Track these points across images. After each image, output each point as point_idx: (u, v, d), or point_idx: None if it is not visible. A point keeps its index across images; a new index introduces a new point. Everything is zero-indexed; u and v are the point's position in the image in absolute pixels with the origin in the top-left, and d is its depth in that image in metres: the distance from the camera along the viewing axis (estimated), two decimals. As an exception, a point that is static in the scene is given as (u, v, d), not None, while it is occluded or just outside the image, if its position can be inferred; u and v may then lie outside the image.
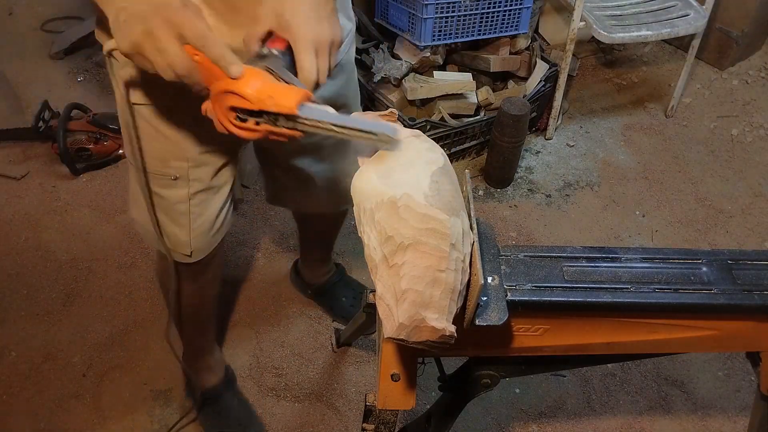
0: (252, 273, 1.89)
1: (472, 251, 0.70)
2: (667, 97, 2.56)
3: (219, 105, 0.76)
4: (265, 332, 1.74)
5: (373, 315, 1.30)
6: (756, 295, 0.78)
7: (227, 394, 1.55)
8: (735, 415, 1.61)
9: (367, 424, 0.99)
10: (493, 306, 0.72)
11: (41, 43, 2.72)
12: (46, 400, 1.58)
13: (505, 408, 1.60)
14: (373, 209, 0.70)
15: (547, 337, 0.82)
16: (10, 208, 2.04)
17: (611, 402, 1.63)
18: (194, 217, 1.11)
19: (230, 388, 1.57)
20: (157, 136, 1.01)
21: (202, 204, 1.11)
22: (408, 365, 0.85)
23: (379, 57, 2.19)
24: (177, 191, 1.07)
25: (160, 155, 1.03)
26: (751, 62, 2.80)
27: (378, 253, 0.68)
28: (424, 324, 0.65)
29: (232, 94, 0.74)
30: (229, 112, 0.76)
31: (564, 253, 0.82)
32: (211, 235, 1.17)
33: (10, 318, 1.74)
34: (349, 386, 1.63)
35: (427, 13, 2.01)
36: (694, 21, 2.23)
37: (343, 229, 2.00)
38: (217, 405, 1.53)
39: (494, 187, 2.20)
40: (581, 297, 0.77)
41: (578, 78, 2.68)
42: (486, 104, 2.18)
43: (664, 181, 2.26)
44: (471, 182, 1.18)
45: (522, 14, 2.15)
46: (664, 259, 0.82)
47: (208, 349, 1.53)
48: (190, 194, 1.08)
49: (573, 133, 2.43)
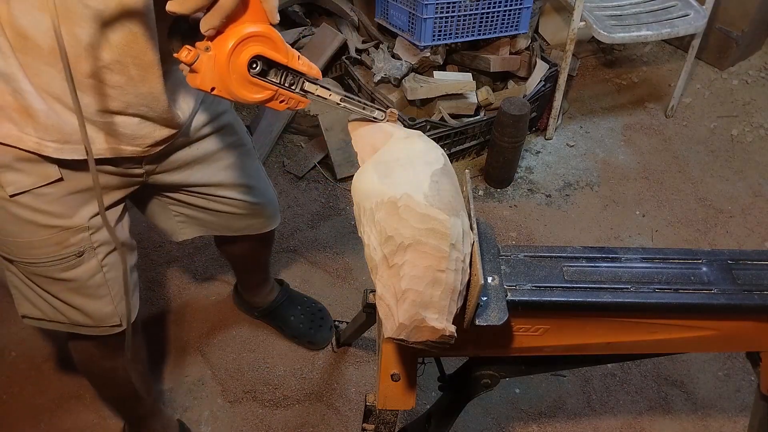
0: (252, 273, 1.89)
1: (472, 251, 0.70)
2: (667, 97, 2.56)
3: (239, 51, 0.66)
4: (266, 332, 1.74)
5: (373, 315, 1.30)
6: (756, 295, 0.78)
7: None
8: (735, 415, 1.61)
9: (367, 424, 0.99)
10: (493, 306, 0.72)
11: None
12: (46, 400, 1.58)
13: (505, 408, 1.60)
14: (373, 209, 0.70)
15: (547, 337, 0.82)
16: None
17: (611, 402, 1.63)
18: (111, 283, 1.03)
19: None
20: (46, 220, 0.91)
21: (114, 266, 1.03)
22: (408, 365, 0.85)
23: (379, 57, 2.19)
24: (85, 266, 0.98)
25: (54, 240, 0.93)
26: (751, 62, 2.80)
27: (378, 253, 0.68)
28: (424, 324, 0.65)
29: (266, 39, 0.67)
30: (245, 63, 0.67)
31: (564, 253, 0.82)
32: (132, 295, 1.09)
33: (10, 318, 1.74)
34: (349, 386, 1.63)
35: (427, 13, 2.01)
36: (694, 21, 2.23)
37: (343, 229, 2.01)
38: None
39: (494, 187, 2.20)
40: (581, 297, 0.77)
41: (578, 78, 2.68)
42: (486, 104, 2.18)
43: (664, 181, 2.26)
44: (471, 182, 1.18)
45: (522, 14, 2.15)
46: (664, 259, 0.82)
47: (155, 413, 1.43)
48: (101, 262, 1.00)
49: (573, 133, 2.43)
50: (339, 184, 2.15)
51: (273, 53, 0.68)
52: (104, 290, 1.03)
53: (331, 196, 2.12)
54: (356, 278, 1.86)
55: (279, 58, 0.69)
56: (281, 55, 0.69)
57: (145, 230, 1.90)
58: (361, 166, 0.78)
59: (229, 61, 0.66)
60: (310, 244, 1.96)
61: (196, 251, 1.93)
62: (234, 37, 0.65)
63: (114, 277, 1.03)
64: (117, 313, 1.07)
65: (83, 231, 0.95)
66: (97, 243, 0.98)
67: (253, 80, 0.69)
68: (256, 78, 0.69)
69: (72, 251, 0.95)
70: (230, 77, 0.67)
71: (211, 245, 1.95)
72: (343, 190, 2.13)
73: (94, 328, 1.07)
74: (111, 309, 1.05)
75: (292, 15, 2.45)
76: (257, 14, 0.66)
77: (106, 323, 1.07)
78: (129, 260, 1.07)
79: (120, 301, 1.06)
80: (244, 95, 0.69)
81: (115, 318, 1.07)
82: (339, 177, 2.15)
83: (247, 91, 0.69)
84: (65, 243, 0.94)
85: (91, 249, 0.97)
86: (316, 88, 0.75)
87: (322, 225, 2.02)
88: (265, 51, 0.68)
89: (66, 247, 0.94)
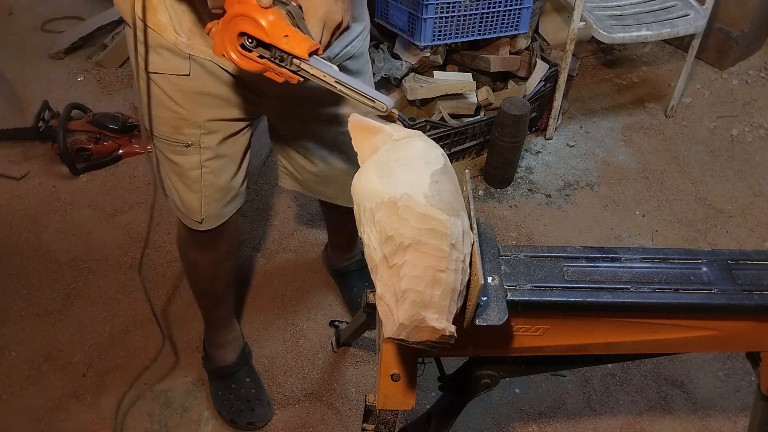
0: (252, 273, 1.89)
1: (472, 251, 0.70)
2: (667, 97, 2.56)
3: (230, 27, 0.78)
4: (265, 332, 1.74)
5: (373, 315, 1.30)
6: (756, 295, 0.78)
7: (241, 371, 1.58)
8: (735, 415, 1.61)
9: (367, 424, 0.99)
10: (493, 306, 0.72)
11: (41, 43, 2.72)
12: (46, 400, 1.58)
13: (505, 408, 1.60)
14: (373, 209, 0.70)
15: (547, 337, 0.82)
16: (10, 208, 2.04)
17: (611, 402, 1.63)
18: (206, 184, 1.16)
19: (245, 365, 1.60)
20: (170, 103, 1.05)
21: (213, 172, 1.15)
22: (408, 365, 0.85)
23: (379, 57, 2.19)
24: (189, 158, 1.12)
25: (172, 123, 1.07)
26: (751, 62, 2.80)
27: (378, 253, 0.68)
28: (424, 324, 0.65)
29: (249, 19, 0.77)
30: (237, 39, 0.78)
31: (564, 253, 0.82)
32: (222, 205, 1.22)
33: (10, 318, 1.74)
34: (349, 386, 1.63)
35: (427, 13, 2.01)
36: (694, 21, 2.23)
37: (343, 229, 2.01)
38: (229, 381, 1.57)
39: (494, 187, 2.20)
40: (581, 297, 0.77)
41: (578, 78, 2.68)
42: (486, 104, 2.18)
43: (664, 181, 2.26)
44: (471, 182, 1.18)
45: (522, 14, 2.15)
46: (664, 259, 0.82)
47: (226, 324, 1.56)
48: (202, 161, 1.13)
49: (573, 133, 2.43)
50: (339, 184, 2.15)
51: (256, 31, 0.77)
52: (197, 186, 1.16)
53: (331, 196, 2.12)
54: (356, 278, 1.86)
55: (262, 36, 0.77)
56: (264, 34, 0.77)
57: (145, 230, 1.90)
58: (361, 166, 0.78)
59: (224, 35, 0.79)
60: (310, 244, 1.96)
61: (196, 251, 1.93)
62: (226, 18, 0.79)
63: (210, 181, 1.16)
64: (201, 212, 1.20)
65: (195, 127, 1.08)
66: (204, 144, 1.10)
67: (243, 53, 0.80)
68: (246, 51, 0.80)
69: (183, 139, 1.09)
70: (229, 49, 0.80)
71: (211, 245, 1.95)
72: (343, 190, 2.13)
73: (184, 216, 1.23)
74: (198, 205, 1.19)
75: (292, 15, 2.44)
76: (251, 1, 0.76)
77: (193, 216, 1.21)
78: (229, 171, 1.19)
79: (208, 204, 1.19)
80: (242, 65, 0.81)
81: (199, 214, 1.20)
82: (339, 177, 2.15)
83: (243, 62, 0.80)
84: (179, 129, 1.08)
85: (198, 146, 1.10)
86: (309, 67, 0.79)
87: (322, 225, 2.02)
88: (248, 29, 0.77)
89: (179, 133, 1.08)
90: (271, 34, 0.77)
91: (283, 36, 0.77)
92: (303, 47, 0.78)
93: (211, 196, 1.18)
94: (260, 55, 0.80)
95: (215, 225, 1.24)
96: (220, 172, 1.17)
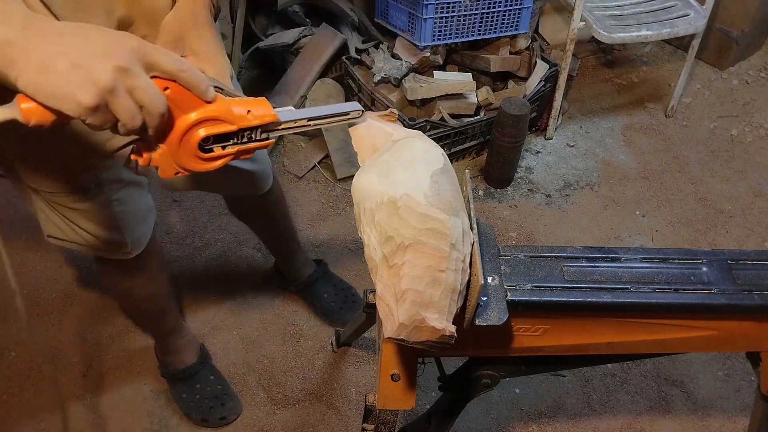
0: (252, 273, 1.89)
1: (472, 251, 0.70)
2: (667, 97, 2.56)
3: (186, 142, 0.67)
4: (265, 332, 1.74)
5: (373, 315, 1.30)
6: (756, 295, 0.78)
7: (204, 370, 1.59)
8: (735, 415, 1.61)
9: (367, 424, 0.99)
10: (493, 306, 0.72)
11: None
12: (46, 400, 1.58)
13: (505, 408, 1.60)
14: (373, 209, 0.70)
15: (547, 337, 0.82)
16: (10, 208, 2.04)
17: (611, 402, 1.63)
18: (123, 216, 1.11)
19: (206, 364, 1.61)
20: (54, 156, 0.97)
21: (125, 201, 1.11)
22: (408, 365, 0.85)
23: (379, 57, 2.19)
24: (96, 200, 1.05)
25: (63, 171, 0.99)
26: (751, 62, 2.80)
27: (378, 253, 0.68)
28: (424, 324, 0.65)
29: (208, 122, 0.67)
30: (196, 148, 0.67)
31: (564, 253, 0.82)
32: (143, 225, 1.19)
33: (10, 318, 1.74)
34: (349, 386, 1.63)
35: (427, 13, 2.01)
36: (694, 21, 2.23)
37: (343, 229, 2.01)
38: (192, 382, 1.57)
39: (494, 187, 2.20)
40: (581, 297, 0.77)
41: (578, 78, 2.68)
42: (486, 104, 2.18)
43: (664, 181, 2.26)
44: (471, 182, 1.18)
45: (522, 14, 2.15)
46: (664, 259, 0.82)
47: (177, 330, 1.55)
48: (110, 198, 1.07)
49: (573, 133, 2.43)
50: (339, 184, 2.15)
51: (220, 128, 0.67)
52: (114, 221, 1.11)
53: (331, 196, 2.12)
54: (356, 278, 1.86)
55: (227, 128, 0.68)
56: (228, 125, 0.68)
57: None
58: (361, 166, 0.78)
59: (179, 151, 0.67)
60: (310, 244, 1.96)
61: (196, 251, 1.93)
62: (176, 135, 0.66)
63: (124, 210, 1.11)
64: (128, 241, 1.16)
65: (89, 168, 1.01)
66: (106, 180, 1.05)
67: (210, 155, 0.69)
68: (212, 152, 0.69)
69: (81, 184, 1.02)
70: (187, 163, 0.68)
71: (211, 245, 1.95)
72: (343, 190, 2.13)
73: (108, 253, 1.17)
74: (121, 237, 1.14)
75: (292, 15, 2.44)
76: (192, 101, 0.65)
77: (120, 250, 1.17)
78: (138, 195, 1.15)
79: (131, 231, 1.15)
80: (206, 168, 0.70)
81: (127, 246, 1.17)
82: (339, 177, 2.15)
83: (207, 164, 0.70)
84: (74, 176, 1.01)
85: (100, 185, 1.05)
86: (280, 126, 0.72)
87: (322, 225, 2.02)
88: (210, 131, 0.67)
89: (74, 180, 1.01)
90: (237, 120, 0.68)
91: (246, 114, 0.69)
92: (267, 110, 0.70)
93: (131, 222, 1.14)
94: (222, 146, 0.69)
95: (144, 245, 1.21)
96: (131, 197, 1.12)
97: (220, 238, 1.97)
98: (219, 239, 1.97)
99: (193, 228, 2.00)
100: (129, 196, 1.12)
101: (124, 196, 1.10)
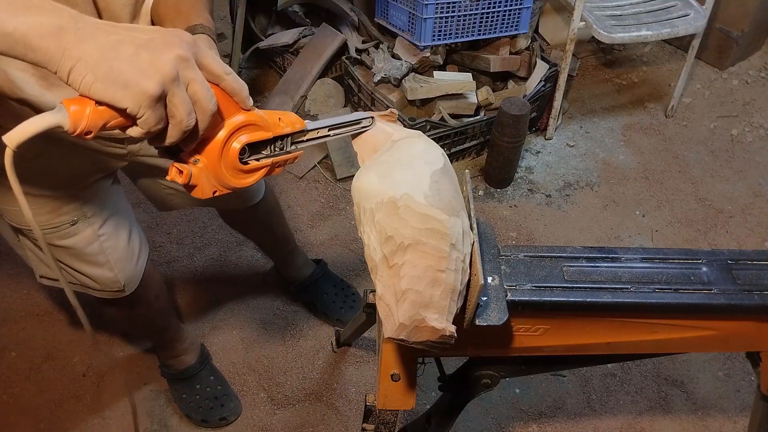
0: (252, 273, 1.89)
1: (472, 251, 0.70)
2: (667, 97, 2.56)
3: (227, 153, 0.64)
4: (265, 332, 1.74)
5: (373, 315, 1.30)
6: (756, 295, 0.78)
7: (204, 371, 1.59)
8: (735, 415, 1.61)
9: (367, 424, 0.99)
10: (493, 306, 0.72)
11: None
12: (46, 400, 1.58)
13: (505, 408, 1.60)
14: (373, 209, 0.70)
15: (547, 337, 0.82)
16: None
17: (611, 402, 1.63)
18: (111, 251, 1.08)
19: (206, 364, 1.61)
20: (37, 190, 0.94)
21: (112, 236, 1.07)
22: (408, 365, 0.85)
23: (379, 57, 2.19)
24: (81, 235, 1.03)
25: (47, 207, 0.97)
26: (751, 62, 2.80)
27: (378, 253, 0.68)
28: (424, 324, 0.65)
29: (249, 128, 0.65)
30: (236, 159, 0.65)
31: (564, 253, 0.82)
32: (135, 261, 1.15)
33: (10, 318, 1.74)
34: (349, 386, 1.63)
35: (427, 13, 2.01)
36: (694, 21, 2.23)
37: (343, 229, 2.01)
38: (192, 382, 1.57)
39: (494, 187, 2.20)
40: (581, 297, 0.77)
41: (578, 78, 2.68)
42: (486, 104, 2.18)
43: (664, 181, 2.26)
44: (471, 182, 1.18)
45: (522, 14, 2.15)
46: (664, 259, 0.82)
47: (177, 338, 1.55)
48: (97, 232, 1.04)
49: (573, 133, 2.43)
50: (339, 184, 2.15)
51: (258, 135, 0.66)
52: (102, 258, 1.07)
53: (331, 196, 2.12)
54: (356, 278, 1.86)
55: (265, 136, 0.67)
56: (266, 131, 0.66)
57: (146, 231, 1.90)
58: (361, 166, 0.78)
59: (221, 165, 0.64)
60: (310, 244, 1.96)
61: (196, 251, 1.93)
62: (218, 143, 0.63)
63: (112, 246, 1.08)
64: (119, 279, 1.12)
65: (74, 200, 0.98)
66: (90, 212, 1.01)
67: (247, 168, 0.67)
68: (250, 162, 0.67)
69: (66, 219, 0.99)
70: (227, 177, 0.66)
71: (211, 245, 1.95)
72: (343, 190, 2.13)
73: (101, 291, 1.14)
74: (112, 275, 1.10)
75: (292, 15, 2.45)
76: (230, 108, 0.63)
77: (111, 288, 1.13)
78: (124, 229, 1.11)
79: (122, 268, 1.11)
80: (244, 183, 0.68)
81: (118, 283, 1.13)
82: (339, 177, 2.15)
83: (245, 179, 0.68)
84: (58, 210, 0.98)
85: (85, 218, 1.01)
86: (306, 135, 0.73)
87: (322, 225, 2.02)
88: (250, 138, 0.65)
89: (59, 215, 0.98)
90: (272, 127, 0.67)
91: (278, 121, 0.68)
92: (296, 117, 0.70)
93: (121, 260, 1.10)
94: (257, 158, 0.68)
95: (137, 283, 1.18)
96: (118, 232, 1.09)
97: (220, 238, 1.97)
98: (219, 239, 1.97)
99: (192, 228, 2.00)
100: (115, 231, 1.08)
101: (110, 231, 1.07)
